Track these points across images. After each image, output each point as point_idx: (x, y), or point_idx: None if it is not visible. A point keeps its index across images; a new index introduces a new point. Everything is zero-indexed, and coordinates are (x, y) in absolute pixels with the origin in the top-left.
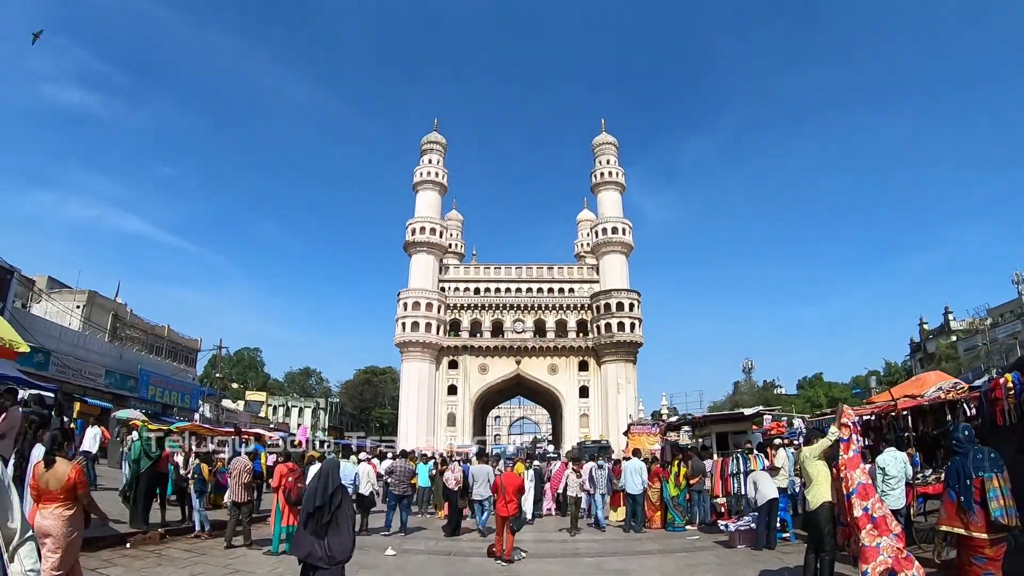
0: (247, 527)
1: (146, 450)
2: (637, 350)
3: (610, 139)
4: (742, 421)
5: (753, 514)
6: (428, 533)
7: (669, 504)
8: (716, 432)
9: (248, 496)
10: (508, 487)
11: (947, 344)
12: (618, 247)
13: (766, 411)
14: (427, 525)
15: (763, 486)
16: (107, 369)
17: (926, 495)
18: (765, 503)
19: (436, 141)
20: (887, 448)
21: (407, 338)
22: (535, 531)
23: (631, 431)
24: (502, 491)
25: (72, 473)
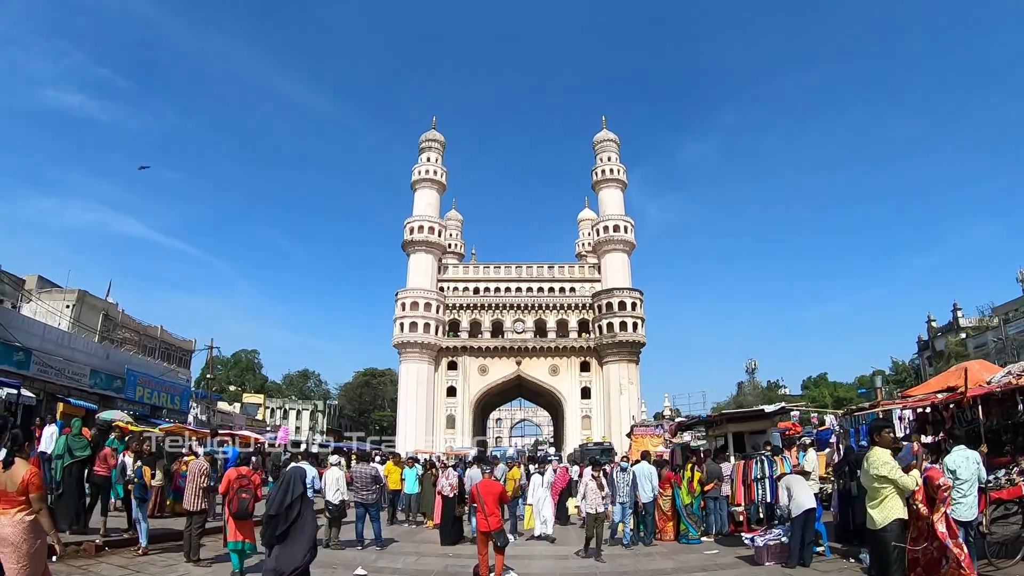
0: (195, 540)
1: (71, 447)
2: (640, 350)
3: (611, 136)
4: (762, 419)
5: (783, 526)
6: (409, 547)
7: (682, 513)
8: (732, 432)
9: (203, 504)
10: (487, 497)
11: (956, 341)
12: (620, 245)
13: (791, 407)
14: (411, 538)
15: (799, 493)
16: (92, 369)
17: (1000, 500)
18: (801, 513)
19: (435, 139)
20: (955, 447)
21: (405, 339)
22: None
23: (634, 433)
24: (480, 502)
25: (27, 474)
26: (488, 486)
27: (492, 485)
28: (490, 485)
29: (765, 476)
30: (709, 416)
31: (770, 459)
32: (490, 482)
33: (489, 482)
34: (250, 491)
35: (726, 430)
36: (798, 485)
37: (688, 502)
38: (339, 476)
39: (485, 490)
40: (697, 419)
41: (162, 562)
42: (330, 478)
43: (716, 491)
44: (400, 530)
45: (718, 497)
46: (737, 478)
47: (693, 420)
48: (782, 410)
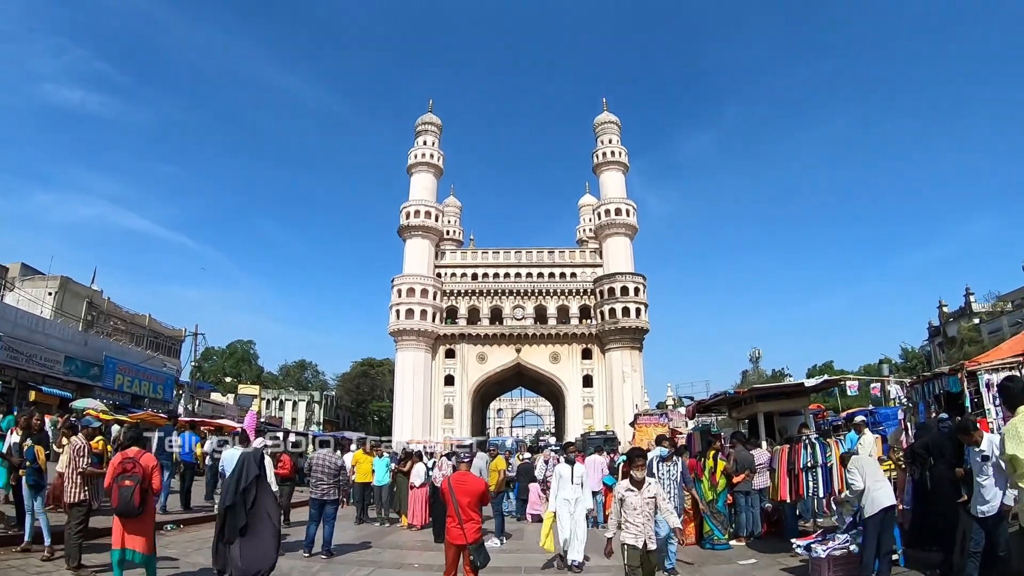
0: (74, 540)
1: None
2: (643, 337)
3: (612, 118)
4: (798, 396)
5: (850, 529)
6: (367, 554)
7: (705, 512)
8: (763, 412)
9: (82, 494)
10: (461, 496)
11: (969, 327)
12: (622, 229)
13: (840, 378)
14: (380, 539)
15: (875, 485)
16: (67, 356)
17: None
18: (878, 512)
19: (431, 122)
20: None
21: (401, 326)
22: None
23: (638, 422)
24: (452, 502)
25: None
26: (464, 481)
27: (469, 480)
28: (466, 480)
29: (817, 464)
30: (737, 392)
31: (822, 442)
32: (466, 475)
33: (465, 475)
34: (136, 477)
35: (755, 410)
36: (874, 473)
37: (710, 498)
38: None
39: (460, 487)
40: (721, 396)
41: (37, 568)
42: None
43: (747, 484)
44: (370, 530)
45: (750, 491)
46: (780, 467)
47: (716, 398)
48: (825, 383)
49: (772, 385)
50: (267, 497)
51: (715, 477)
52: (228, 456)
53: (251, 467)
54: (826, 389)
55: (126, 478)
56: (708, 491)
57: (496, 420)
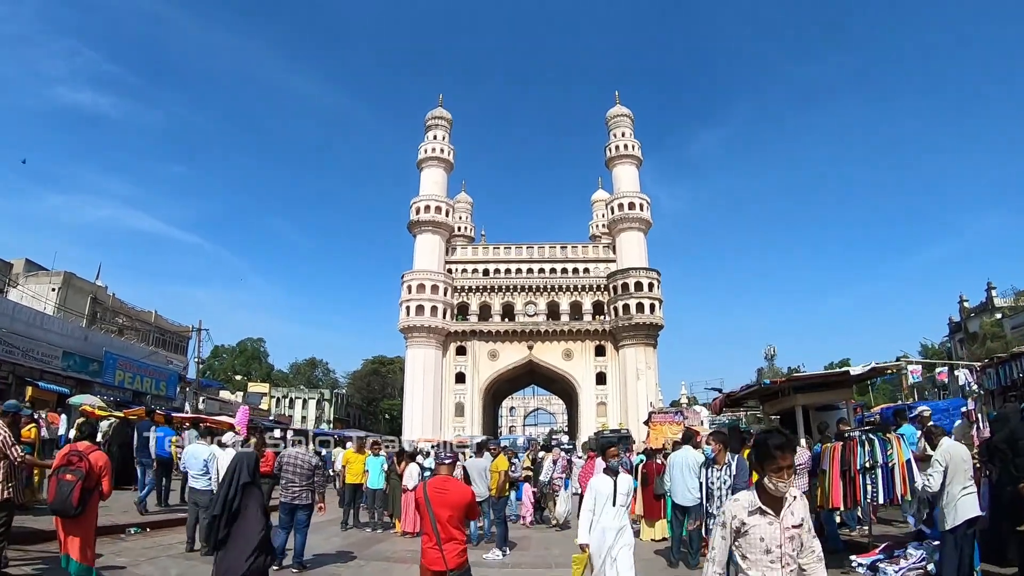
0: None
1: None
2: (657, 333)
3: (625, 111)
4: (841, 387)
5: (924, 544)
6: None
7: None
8: (802, 405)
9: (5, 492)
10: (440, 508)
11: (992, 322)
12: (636, 224)
13: (891, 365)
14: (366, 548)
15: (959, 491)
16: (65, 351)
17: None
18: (962, 524)
19: (441, 116)
20: None
21: (412, 323)
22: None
23: (652, 420)
24: (428, 515)
25: None
26: (444, 489)
27: (452, 488)
28: (448, 487)
29: (877, 464)
30: (773, 382)
31: (882, 438)
32: (448, 481)
33: (446, 481)
34: (79, 472)
35: (793, 403)
36: (963, 473)
37: None
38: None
39: (439, 496)
40: (754, 387)
41: None
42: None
43: None
44: (359, 537)
45: None
46: (832, 469)
47: (748, 389)
48: (873, 372)
49: (813, 374)
50: (252, 504)
51: (751, 482)
52: (191, 452)
53: (242, 473)
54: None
55: (68, 472)
56: None
57: (508, 419)
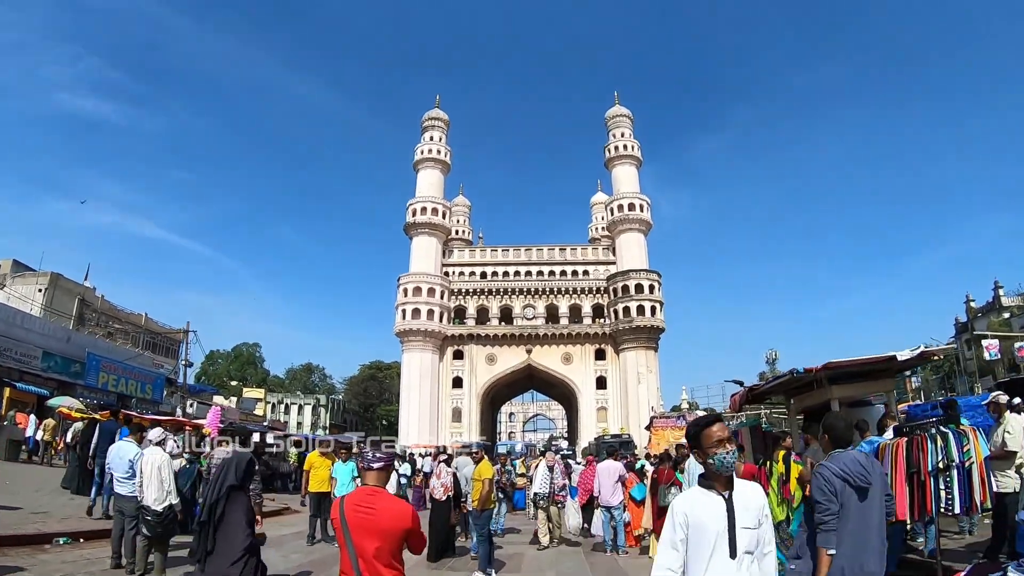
0: None
1: None
2: (659, 336)
3: (624, 111)
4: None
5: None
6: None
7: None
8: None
9: None
10: (363, 535)
11: (1000, 322)
12: (636, 225)
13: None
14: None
15: None
16: (45, 351)
17: None
18: None
19: (438, 117)
20: None
21: (408, 326)
22: None
23: (654, 425)
24: (346, 546)
25: None
26: (368, 508)
27: (380, 506)
28: (375, 505)
29: (953, 464)
30: (807, 371)
31: (956, 432)
32: (375, 497)
33: (372, 497)
34: None
35: (827, 396)
36: None
37: (782, 517)
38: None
39: (360, 518)
40: (785, 377)
41: None
42: (149, 465)
43: None
44: (326, 552)
45: None
46: (896, 471)
47: (777, 380)
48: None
49: (854, 360)
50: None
51: (788, 488)
52: (116, 451)
53: (229, 474)
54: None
55: None
56: (777, 508)
57: (508, 424)
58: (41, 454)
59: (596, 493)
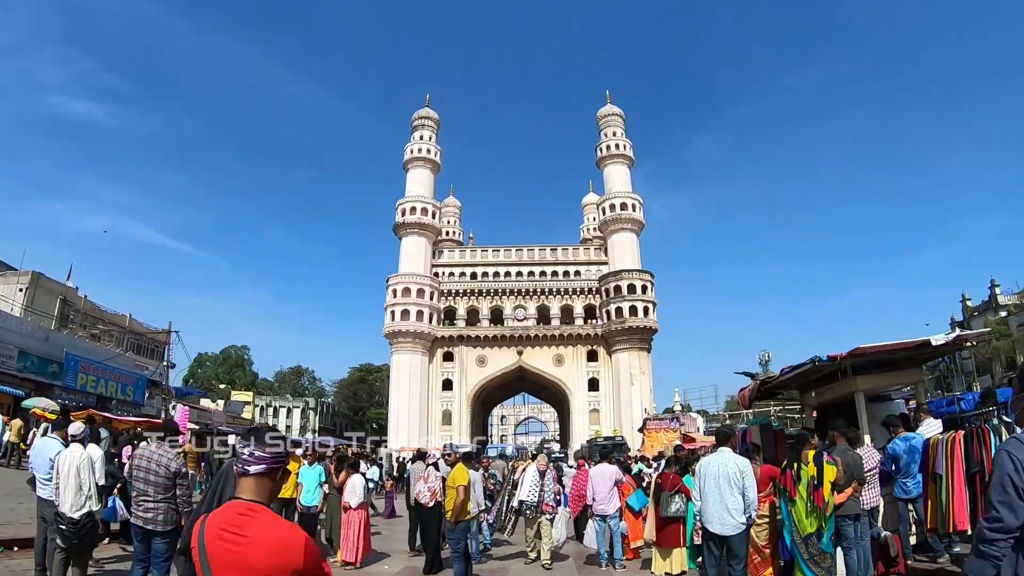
0: None
1: None
2: (652, 337)
3: (616, 110)
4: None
5: None
6: None
7: (797, 553)
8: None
9: None
10: (223, 570)
11: (997, 320)
12: (628, 224)
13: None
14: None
15: None
16: (21, 351)
17: None
18: None
19: (428, 116)
20: None
21: (397, 328)
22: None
23: (647, 427)
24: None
25: None
26: (235, 533)
27: (254, 530)
28: (246, 530)
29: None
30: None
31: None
32: (247, 519)
33: (244, 519)
34: None
35: (850, 388)
36: None
37: (811, 530)
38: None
39: (223, 549)
40: (804, 367)
41: None
42: (65, 464)
43: (854, 503)
44: None
45: (859, 515)
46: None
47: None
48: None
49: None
50: None
51: (822, 494)
52: (38, 448)
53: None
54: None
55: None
56: (807, 518)
57: (500, 428)
58: (8, 456)
59: (590, 500)
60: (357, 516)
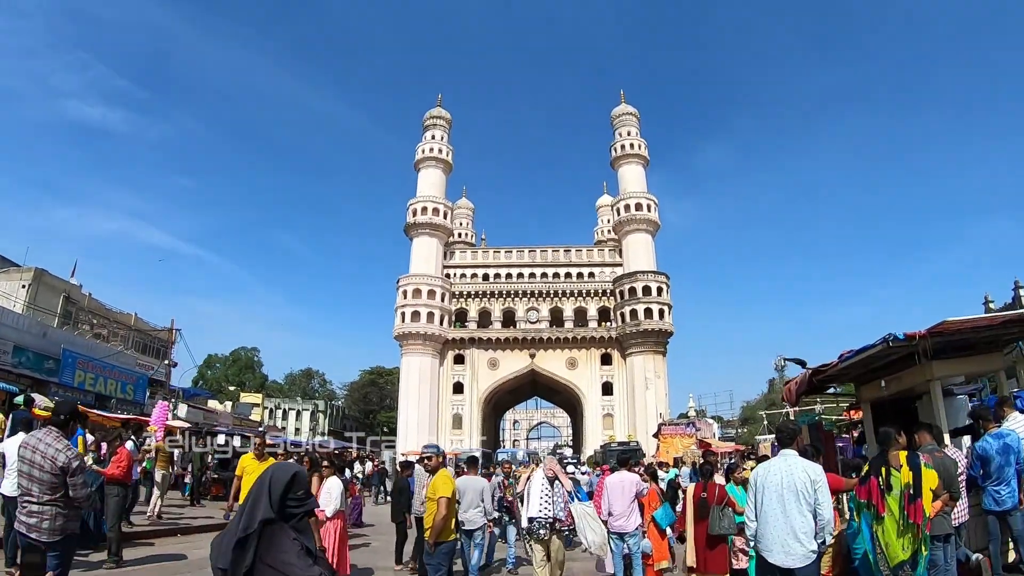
0: None
1: None
2: (667, 340)
3: (630, 109)
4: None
5: None
6: None
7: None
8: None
9: None
10: None
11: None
12: (643, 225)
13: None
14: None
15: None
16: (16, 346)
17: None
18: None
19: (439, 116)
20: None
21: (407, 329)
22: None
23: (662, 432)
24: None
25: None
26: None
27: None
28: None
29: None
30: (908, 337)
31: None
32: None
33: None
34: None
35: (924, 376)
36: None
37: (906, 554)
38: None
39: None
40: (875, 348)
41: None
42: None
43: (944, 519)
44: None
45: (949, 535)
46: None
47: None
48: None
49: (981, 318)
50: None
51: (918, 507)
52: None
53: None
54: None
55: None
56: (898, 540)
57: (512, 432)
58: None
59: (605, 515)
60: (333, 527)
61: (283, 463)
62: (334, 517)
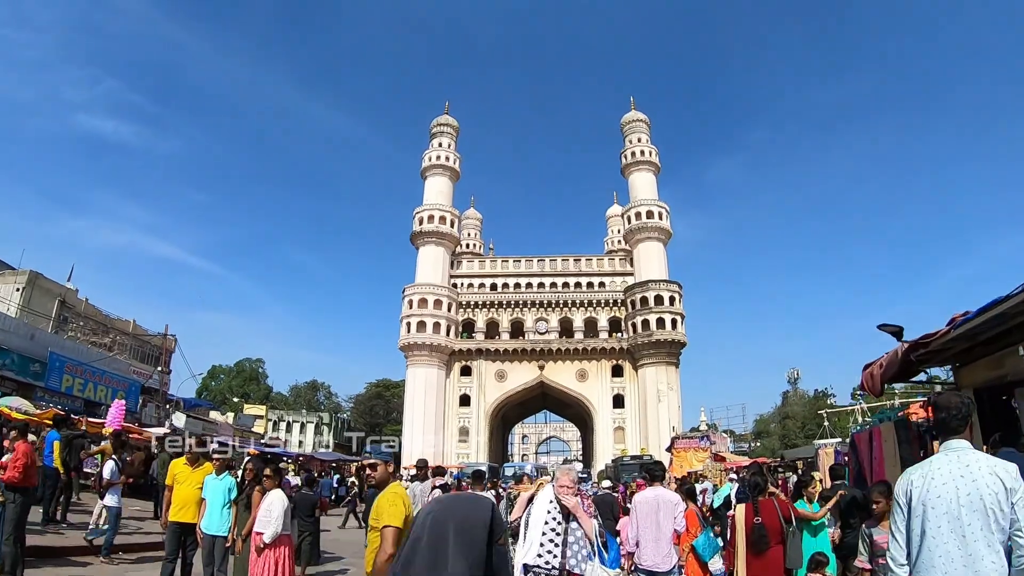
0: None
1: None
2: (680, 351)
3: (641, 116)
4: None
5: None
6: None
7: None
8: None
9: None
10: None
11: None
12: (654, 233)
13: None
14: None
15: None
16: (1, 348)
17: None
18: None
19: (447, 123)
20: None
21: (412, 340)
22: None
23: (675, 446)
24: None
25: None
26: None
27: None
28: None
29: None
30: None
31: None
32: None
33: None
34: None
35: None
36: None
37: None
38: None
39: None
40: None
41: None
42: None
43: None
44: None
45: None
46: None
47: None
48: None
49: None
50: None
51: None
52: None
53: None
54: None
55: None
56: None
57: (521, 447)
58: None
59: (631, 547)
60: (273, 556)
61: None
62: (273, 545)
